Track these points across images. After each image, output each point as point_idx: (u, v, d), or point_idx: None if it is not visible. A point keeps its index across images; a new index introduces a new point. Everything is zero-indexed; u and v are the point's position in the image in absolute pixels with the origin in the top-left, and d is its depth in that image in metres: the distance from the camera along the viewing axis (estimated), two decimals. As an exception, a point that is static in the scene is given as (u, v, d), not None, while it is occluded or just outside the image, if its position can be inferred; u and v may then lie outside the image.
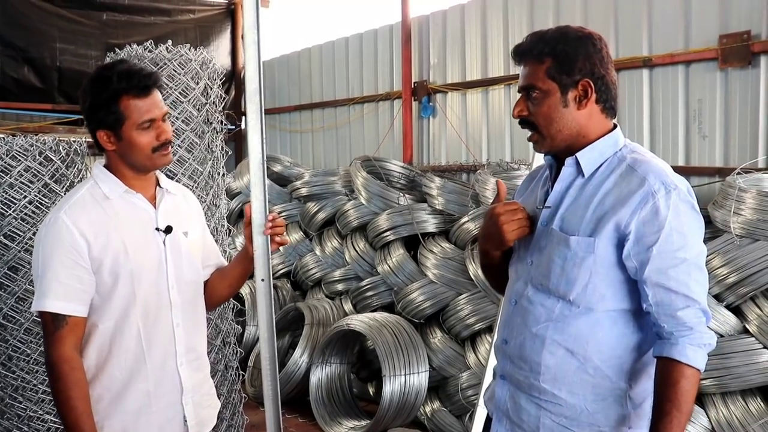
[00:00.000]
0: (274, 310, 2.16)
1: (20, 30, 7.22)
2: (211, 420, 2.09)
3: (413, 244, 4.99)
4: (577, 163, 1.65)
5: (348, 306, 5.25)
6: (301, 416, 4.79)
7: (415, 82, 6.08)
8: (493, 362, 2.22)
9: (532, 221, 1.71)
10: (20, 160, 3.06)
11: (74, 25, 7.53)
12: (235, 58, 8.55)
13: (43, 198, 3.09)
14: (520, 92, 1.69)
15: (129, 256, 1.87)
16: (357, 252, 5.25)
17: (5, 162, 3.06)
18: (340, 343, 4.77)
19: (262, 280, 2.08)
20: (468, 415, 4.19)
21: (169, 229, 1.95)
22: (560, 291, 1.63)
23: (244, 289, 5.55)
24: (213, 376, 2.25)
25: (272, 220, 2.04)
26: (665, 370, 1.54)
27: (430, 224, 4.91)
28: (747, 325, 3.36)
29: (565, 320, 1.63)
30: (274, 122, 8.01)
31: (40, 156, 3.10)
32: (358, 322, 4.52)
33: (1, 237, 3.06)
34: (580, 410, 1.64)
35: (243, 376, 3.84)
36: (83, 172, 3.26)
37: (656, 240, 1.53)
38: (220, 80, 3.55)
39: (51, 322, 1.81)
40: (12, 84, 7.27)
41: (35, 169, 3.08)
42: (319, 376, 4.75)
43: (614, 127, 1.69)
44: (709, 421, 3.39)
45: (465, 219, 4.60)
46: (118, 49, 3.45)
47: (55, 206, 1.93)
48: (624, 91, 4.39)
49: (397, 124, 6.29)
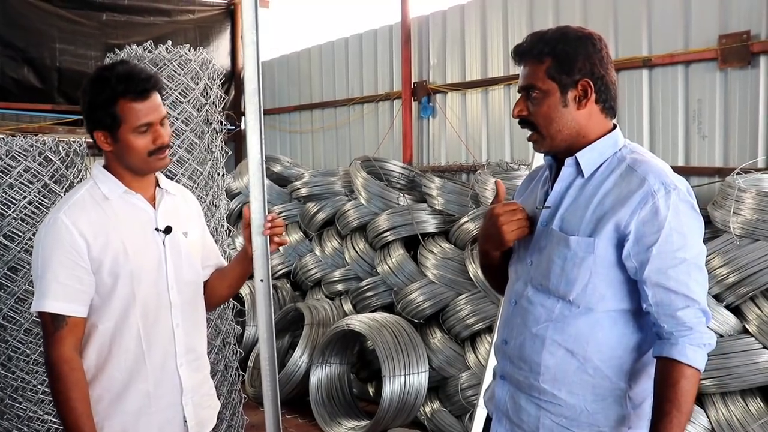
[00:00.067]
0: (273, 310, 2.16)
1: (20, 30, 7.21)
2: (211, 420, 2.09)
3: (413, 245, 4.98)
4: (577, 163, 1.66)
5: (348, 306, 5.25)
6: (301, 416, 4.79)
7: (414, 83, 6.08)
8: (492, 362, 2.22)
9: (532, 221, 1.71)
10: (20, 161, 3.06)
11: (74, 25, 7.52)
12: (235, 59, 8.55)
13: (43, 198, 3.09)
14: (520, 92, 1.69)
15: (128, 256, 1.86)
16: (357, 252, 5.24)
17: (5, 162, 3.06)
18: (340, 344, 4.77)
19: (261, 280, 2.08)
20: (468, 416, 4.19)
21: (168, 230, 1.95)
22: (560, 291, 1.63)
23: (244, 290, 5.55)
24: (213, 376, 2.25)
25: (271, 220, 2.04)
26: (665, 370, 1.54)
27: (430, 224, 4.91)
28: (747, 325, 3.36)
29: (565, 320, 1.63)
30: (274, 122, 8.01)
31: (40, 156, 3.10)
32: (358, 322, 4.52)
33: (1, 237, 3.06)
34: (580, 410, 1.64)
35: (243, 376, 3.84)
36: (83, 173, 3.26)
37: (656, 240, 1.53)
38: (220, 80, 3.56)
39: (50, 323, 1.81)
40: (12, 84, 7.26)
41: (35, 170, 3.08)
42: (319, 376, 4.75)
43: (614, 127, 1.69)
44: (709, 421, 3.39)
45: (465, 219, 4.60)
46: (117, 50, 3.45)
47: (55, 207, 1.93)
48: (623, 92, 4.39)
49: (397, 124, 6.29)
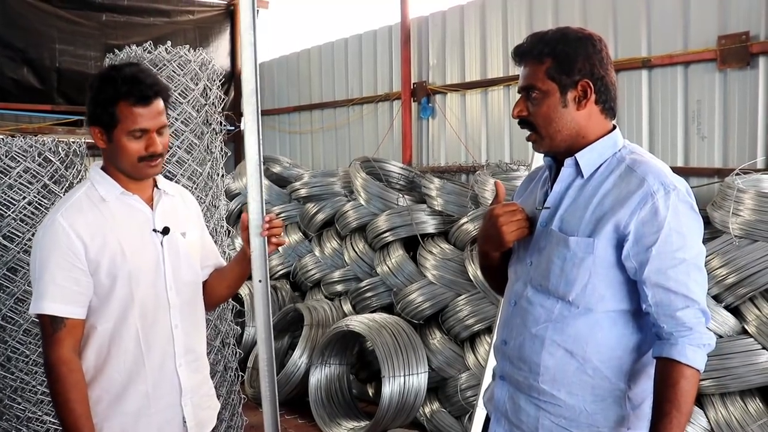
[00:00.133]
0: (272, 311, 2.16)
1: (19, 31, 7.20)
2: (210, 421, 2.09)
3: (412, 245, 4.98)
4: (577, 163, 1.66)
5: (347, 307, 5.24)
6: (301, 417, 4.79)
7: (414, 83, 6.07)
8: (492, 363, 2.22)
9: (532, 222, 1.71)
10: (19, 161, 3.06)
11: (73, 26, 7.51)
12: (235, 59, 8.53)
13: (42, 199, 3.09)
14: (519, 92, 1.69)
15: (126, 257, 1.86)
16: (356, 253, 5.24)
17: (4, 163, 3.05)
18: (340, 344, 4.77)
19: (260, 281, 2.08)
20: (467, 416, 4.19)
21: (166, 230, 1.94)
22: (559, 291, 1.63)
23: (244, 290, 5.55)
24: (212, 377, 2.25)
25: (269, 221, 2.04)
26: (665, 371, 1.54)
27: (430, 225, 4.91)
28: (746, 326, 3.36)
29: (565, 321, 1.63)
30: (273, 123, 8.00)
31: (39, 157, 3.10)
32: (358, 323, 4.52)
33: (0, 238, 3.06)
34: (579, 411, 1.63)
35: (242, 377, 3.84)
36: (82, 173, 3.26)
37: (655, 240, 1.53)
38: (220, 81, 3.55)
39: (49, 325, 1.81)
40: (11, 85, 7.25)
41: (34, 170, 3.08)
42: (319, 377, 4.75)
43: (613, 128, 1.69)
44: (708, 421, 3.38)
45: (464, 220, 4.60)
46: (117, 50, 3.45)
47: (53, 208, 1.93)
48: (623, 92, 4.39)
49: (397, 125, 6.28)
